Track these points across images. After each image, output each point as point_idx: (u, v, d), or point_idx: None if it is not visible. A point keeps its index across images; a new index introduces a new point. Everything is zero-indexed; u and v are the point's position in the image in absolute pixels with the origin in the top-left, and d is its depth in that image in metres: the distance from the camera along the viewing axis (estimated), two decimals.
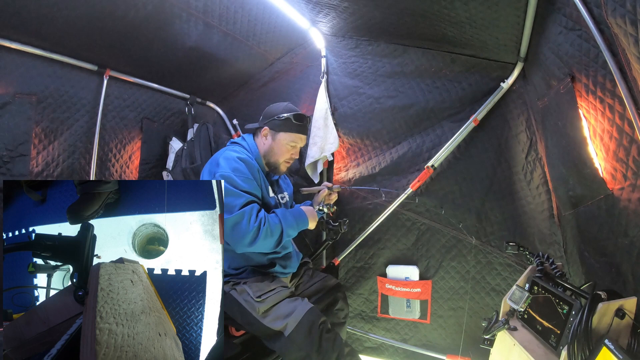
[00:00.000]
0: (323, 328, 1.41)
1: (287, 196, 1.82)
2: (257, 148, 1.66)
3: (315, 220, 1.59)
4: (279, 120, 1.61)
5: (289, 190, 1.87)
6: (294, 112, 1.63)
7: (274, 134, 1.63)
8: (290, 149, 1.64)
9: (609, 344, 0.83)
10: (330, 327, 1.47)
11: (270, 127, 1.63)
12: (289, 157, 1.66)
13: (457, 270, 2.02)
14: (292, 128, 1.62)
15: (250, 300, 1.49)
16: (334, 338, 1.42)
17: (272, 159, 1.65)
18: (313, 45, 2.31)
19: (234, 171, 1.47)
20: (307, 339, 1.37)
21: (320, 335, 1.39)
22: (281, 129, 1.62)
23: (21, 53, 1.79)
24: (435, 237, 2.06)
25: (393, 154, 2.14)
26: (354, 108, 2.22)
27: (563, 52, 1.25)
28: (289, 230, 1.49)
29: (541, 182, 1.72)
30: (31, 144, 1.87)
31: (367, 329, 2.27)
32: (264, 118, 1.66)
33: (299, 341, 1.38)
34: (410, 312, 2.13)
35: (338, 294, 1.78)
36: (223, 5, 1.91)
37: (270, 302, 1.48)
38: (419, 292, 2.09)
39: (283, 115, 1.60)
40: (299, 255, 1.81)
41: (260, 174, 1.59)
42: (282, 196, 1.79)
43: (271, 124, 1.63)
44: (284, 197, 1.79)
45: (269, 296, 1.49)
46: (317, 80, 2.31)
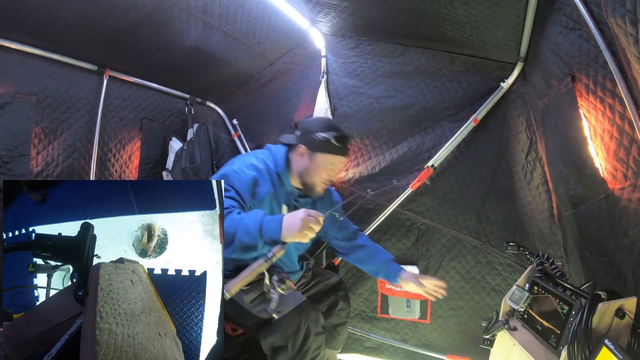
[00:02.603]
0: (313, 327, 1.37)
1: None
2: (287, 164, 1.50)
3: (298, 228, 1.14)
4: (317, 139, 1.41)
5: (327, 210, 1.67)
6: (335, 132, 1.42)
7: (311, 153, 1.44)
8: (328, 170, 1.46)
9: (609, 344, 0.83)
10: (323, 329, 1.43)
11: (307, 146, 1.44)
12: (327, 179, 1.48)
13: (457, 270, 2.02)
14: (331, 150, 1.42)
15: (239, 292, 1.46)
16: (319, 345, 1.38)
17: (308, 179, 1.48)
18: (313, 45, 2.31)
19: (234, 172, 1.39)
20: (293, 332, 1.34)
21: (307, 333, 1.35)
22: (319, 149, 1.43)
23: (21, 53, 1.79)
24: (435, 237, 2.06)
25: (393, 154, 2.14)
26: (354, 108, 2.22)
27: (563, 51, 1.25)
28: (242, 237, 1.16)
29: (541, 182, 1.72)
30: (31, 144, 1.87)
31: (367, 329, 2.27)
32: (301, 134, 1.47)
33: (284, 330, 1.33)
34: (410, 312, 2.13)
35: (339, 294, 1.75)
36: (223, 5, 1.91)
37: (258, 291, 1.45)
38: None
39: (322, 135, 1.41)
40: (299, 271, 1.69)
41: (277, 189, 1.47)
42: None
43: (308, 142, 1.44)
44: None
45: (256, 285, 1.46)
46: (317, 80, 2.31)
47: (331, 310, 1.72)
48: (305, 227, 1.14)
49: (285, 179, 1.49)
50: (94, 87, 2.10)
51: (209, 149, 2.46)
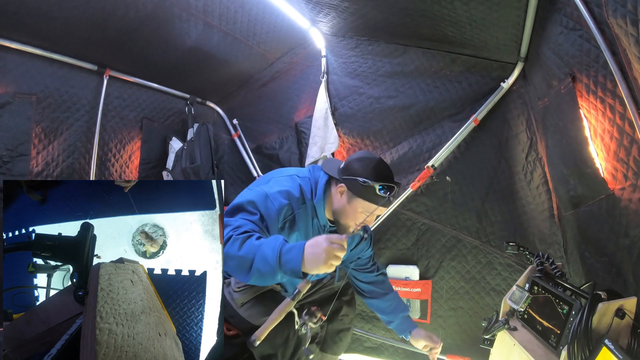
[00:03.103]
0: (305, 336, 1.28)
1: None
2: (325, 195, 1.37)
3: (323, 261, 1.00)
4: (360, 184, 1.27)
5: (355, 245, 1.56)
6: (382, 182, 1.27)
7: (350, 196, 1.31)
8: (365, 216, 1.32)
9: (609, 344, 0.83)
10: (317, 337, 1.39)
11: (348, 187, 1.31)
12: (363, 222, 1.33)
13: (457, 270, 2.02)
14: (373, 199, 1.28)
15: (231, 291, 1.42)
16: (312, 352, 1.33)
17: (341, 220, 1.37)
18: (313, 45, 2.31)
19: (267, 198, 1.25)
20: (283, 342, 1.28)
21: (298, 343, 1.30)
22: (360, 195, 1.29)
23: (21, 53, 1.79)
24: (435, 237, 2.06)
25: (393, 154, 2.14)
26: (354, 108, 2.22)
27: (564, 52, 1.24)
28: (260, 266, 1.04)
29: (541, 182, 1.72)
30: (31, 144, 1.88)
31: (367, 329, 2.27)
32: (345, 170, 1.34)
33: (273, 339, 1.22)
34: (410, 312, 2.13)
35: (343, 299, 1.65)
36: (223, 5, 1.91)
37: (250, 294, 1.39)
38: (419, 292, 2.09)
39: (367, 182, 1.27)
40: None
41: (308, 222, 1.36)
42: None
43: (350, 184, 1.30)
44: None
45: (248, 287, 1.41)
46: (317, 80, 2.31)
47: (334, 315, 1.66)
48: (330, 257, 1.00)
49: (320, 212, 1.37)
50: (94, 87, 2.11)
51: (209, 148, 2.46)
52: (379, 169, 1.31)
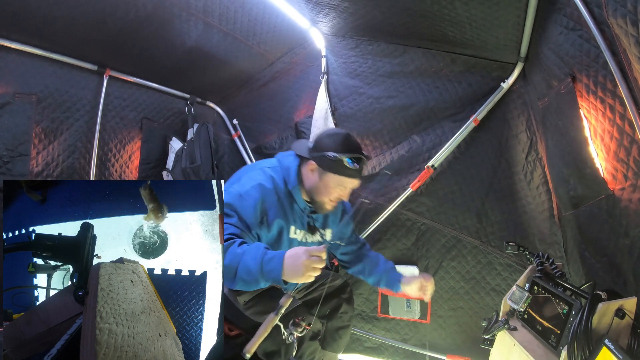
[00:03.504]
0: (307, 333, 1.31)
1: (329, 233, 1.58)
2: (299, 179, 1.40)
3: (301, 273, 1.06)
4: (329, 158, 1.30)
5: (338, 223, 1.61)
6: (350, 153, 1.30)
7: (321, 172, 1.34)
8: (339, 191, 1.36)
9: (609, 344, 0.83)
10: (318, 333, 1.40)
11: (318, 164, 1.34)
12: (337, 198, 1.39)
13: (457, 270, 2.02)
14: (343, 172, 1.31)
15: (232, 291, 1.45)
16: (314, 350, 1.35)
17: (317, 197, 1.39)
18: (313, 45, 2.31)
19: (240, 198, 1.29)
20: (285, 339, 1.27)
21: (301, 339, 1.31)
22: (330, 169, 1.31)
23: (21, 53, 1.79)
24: (435, 237, 2.06)
25: (393, 154, 2.14)
26: (354, 108, 2.22)
27: (564, 52, 1.24)
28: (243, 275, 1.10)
29: (541, 182, 1.72)
30: (31, 144, 1.87)
31: (367, 329, 2.27)
32: (314, 148, 1.36)
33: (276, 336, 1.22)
34: (410, 312, 2.13)
35: (342, 296, 1.69)
36: (223, 5, 1.91)
37: (252, 292, 1.42)
38: None
39: (334, 155, 1.29)
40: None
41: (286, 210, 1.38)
42: (323, 233, 1.55)
43: (320, 160, 1.32)
44: (324, 235, 1.55)
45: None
46: (317, 80, 2.31)
47: (334, 313, 1.69)
48: (308, 269, 1.06)
49: (297, 196, 1.40)
50: (94, 87, 2.10)
51: (209, 149, 2.46)
52: (347, 142, 1.33)
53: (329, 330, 1.68)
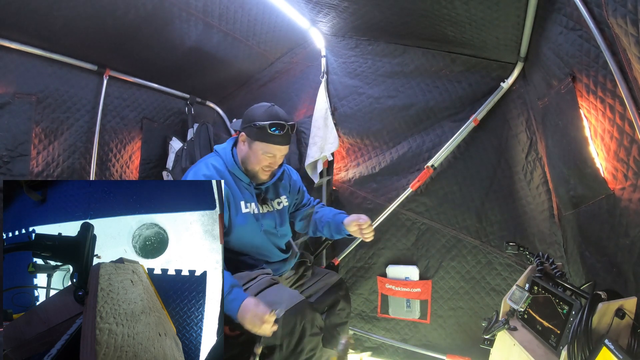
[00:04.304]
0: (308, 328, 1.35)
1: (284, 200, 1.69)
2: (234, 158, 1.53)
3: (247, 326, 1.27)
4: (255, 127, 1.43)
5: (290, 190, 1.73)
6: (272, 120, 1.42)
7: (250, 141, 1.46)
8: (267, 158, 1.48)
9: (609, 344, 0.83)
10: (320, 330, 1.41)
11: (246, 134, 1.47)
12: (267, 166, 1.50)
13: (457, 270, 2.02)
14: (268, 138, 1.43)
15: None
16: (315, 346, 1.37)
17: (249, 167, 1.51)
18: (313, 45, 2.31)
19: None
20: (288, 332, 1.32)
21: (302, 333, 1.34)
22: (257, 137, 1.44)
23: (21, 53, 1.79)
24: (435, 237, 2.06)
25: (393, 154, 2.14)
26: (354, 108, 2.22)
27: (563, 52, 1.24)
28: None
29: (541, 182, 1.72)
30: (31, 144, 1.87)
31: (367, 329, 2.27)
32: (243, 121, 1.50)
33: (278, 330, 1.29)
34: (410, 312, 2.13)
35: (339, 293, 1.72)
36: (223, 5, 1.91)
37: (254, 291, 1.44)
38: (419, 292, 2.09)
39: (259, 123, 1.42)
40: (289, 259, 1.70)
41: (234, 188, 1.50)
42: (279, 201, 1.66)
43: (248, 130, 1.46)
44: (280, 203, 1.67)
45: (251, 285, 1.46)
46: (317, 80, 2.31)
47: (332, 310, 1.71)
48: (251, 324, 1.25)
49: (238, 173, 1.52)
50: (94, 87, 2.10)
51: (209, 149, 2.46)
52: (270, 112, 1.45)
53: (328, 327, 1.69)
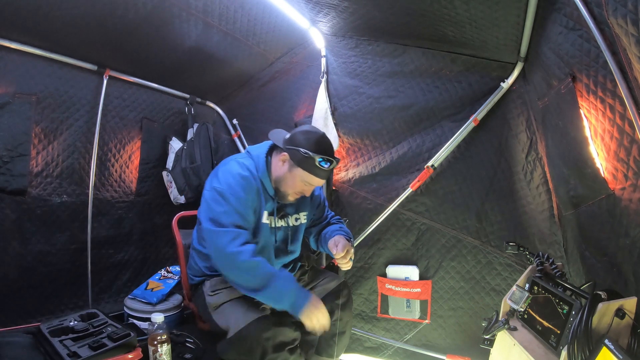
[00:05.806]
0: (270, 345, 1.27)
1: (303, 217, 1.65)
2: (267, 167, 1.48)
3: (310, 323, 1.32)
4: (302, 154, 1.37)
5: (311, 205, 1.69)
6: (323, 155, 1.37)
7: (292, 165, 1.41)
8: (304, 186, 1.44)
9: (609, 344, 0.83)
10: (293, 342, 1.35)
11: (290, 156, 1.41)
12: (300, 191, 1.47)
13: (457, 270, 2.02)
14: (313, 170, 1.39)
15: (207, 293, 1.47)
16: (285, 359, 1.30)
17: (281, 187, 1.47)
18: (313, 45, 2.31)
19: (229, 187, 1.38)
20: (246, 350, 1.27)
21: (264, 351, 1.26)
22: (301, 164, 1.39)
23: (21, 53, 1.79)
24: (435, 237, 2.05)
25: (393, 154, 2.14)
26: (354, 108, 2.22)
27: (563, 52, 1.24)
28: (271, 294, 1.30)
29: (541, 182, 1.72)
30: (31, 144, 1.88)
31: (367, 329, 2.27)
32: (289, 140, 1.43)
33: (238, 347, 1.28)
34: (410, 312, 2.13)
35: (335, 302, 1.60)
36: (223, 5, 1.91)
37: (222, 299, 1.43)
38: (419, 292, 2.09)
39: (308, 153, 1.36)
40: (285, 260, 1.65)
41: (261, 196, 1.47)
42: (297, 217, 1.63)
43: (292, 153, 1.40)
44: (298, 219, 1.63)
45: (222, 292, 1.45)
46: (317, 80, 2.31)
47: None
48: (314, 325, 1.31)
49: (267, 183, 1.48)
50: (94, 87, 2.10)
51: (209, 149, 2.46)
52: (321, 143, 1.41)
53: (324, 337, 1.64)
